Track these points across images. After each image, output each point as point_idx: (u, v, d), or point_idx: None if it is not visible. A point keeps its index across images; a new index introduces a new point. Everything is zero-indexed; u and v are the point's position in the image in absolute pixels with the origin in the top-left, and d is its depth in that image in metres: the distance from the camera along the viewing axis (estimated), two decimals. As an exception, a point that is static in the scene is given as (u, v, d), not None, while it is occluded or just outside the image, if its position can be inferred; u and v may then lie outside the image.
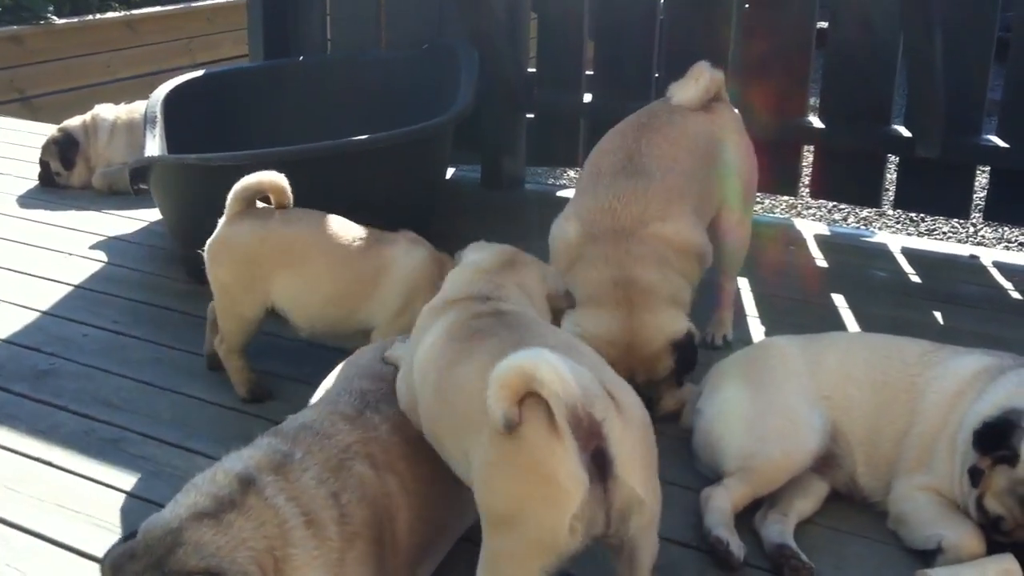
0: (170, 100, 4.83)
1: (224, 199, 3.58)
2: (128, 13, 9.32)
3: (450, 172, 5.80)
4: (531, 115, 5.61)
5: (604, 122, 5.31)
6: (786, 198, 5.87)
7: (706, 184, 3.50)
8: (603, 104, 5.29)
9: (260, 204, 3.44)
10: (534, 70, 5.53)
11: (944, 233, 5.72)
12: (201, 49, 9.80)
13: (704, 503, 2.76)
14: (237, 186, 3.36)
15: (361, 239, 3.43)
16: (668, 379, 3.25)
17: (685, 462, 3.01)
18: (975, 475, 2.52)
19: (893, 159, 4.99)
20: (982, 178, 5.06)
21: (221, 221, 3.40)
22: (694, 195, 3.40)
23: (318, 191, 3.80)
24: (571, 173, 6.69)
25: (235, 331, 3.42)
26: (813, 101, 5.08)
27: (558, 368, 1.95)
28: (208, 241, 3.40)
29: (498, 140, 5.55)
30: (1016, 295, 4.33)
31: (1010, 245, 5.59)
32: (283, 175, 3.37)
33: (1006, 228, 5.82)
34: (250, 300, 3.37)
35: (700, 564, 2.64)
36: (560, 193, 5.71)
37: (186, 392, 3.49)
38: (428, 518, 2.45)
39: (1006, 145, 4.55)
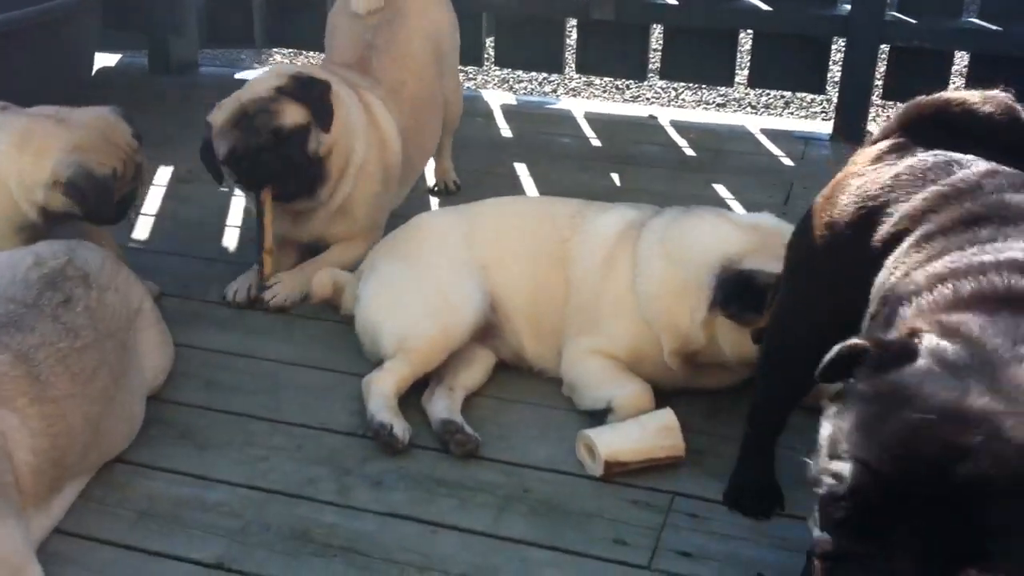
0: None
1: None
2: None
3: (115, 59, 5.31)
4: (200, -9, 5.19)
5: (278, -3, 5.04)
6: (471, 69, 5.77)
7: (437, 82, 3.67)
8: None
9: None
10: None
11: (648, 100, 5.80)
12: None
13: (366, 389, 2.65)
14: None
15: None
16: None
17: (352, 350, 2.89)
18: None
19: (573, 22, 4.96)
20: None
21: None
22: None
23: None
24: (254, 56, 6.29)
25: None
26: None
27: None
28: None
29: (163, 19, 5.07)
30: (689, 151, 4.42)
31: (708, 106, 5.73)
32: None
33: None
34: None
35: (365, 451, 2.54)
36: (238, 75, 5.34)
37: None
38: (57, 457, 2.21)
39: (675, 3, 4.58)
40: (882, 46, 4.47)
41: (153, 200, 3.89)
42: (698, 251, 2.61)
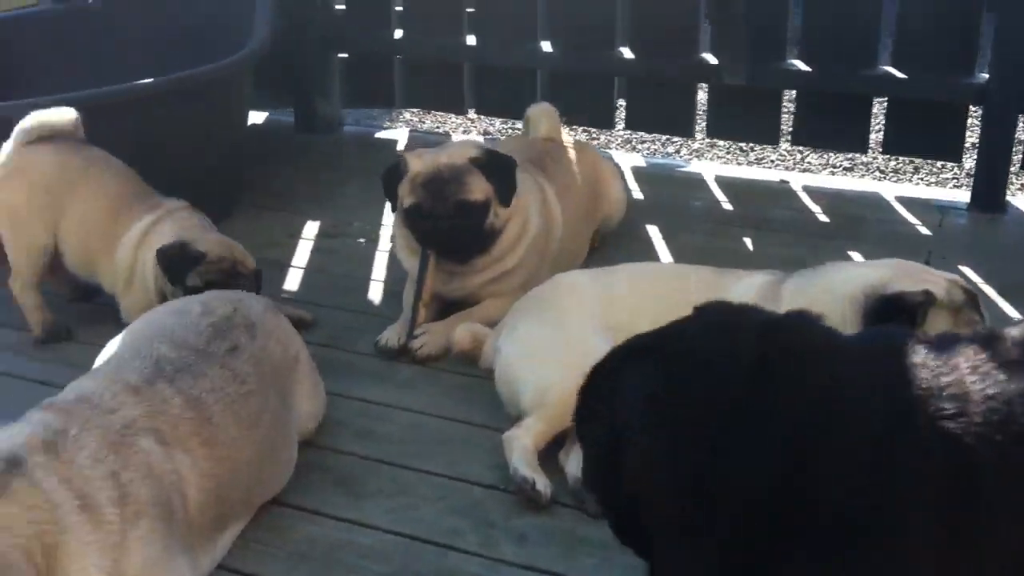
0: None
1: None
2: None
3: (262, 117, 5.58)
4: (344, 55, 5.43)
5: (417, 58, 5.25)
6: (596, 130, 5.89)
7: None
8: (414, 40, 5.17)
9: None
10: (343, 7, 5.34)
11: (772, 161, 5.83)
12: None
13: (507, 445, 2.73)
14: (27, 121, 3.33)
15: (131, 195, 3.40)
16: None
17: (491, 404, 2.98)
18: None
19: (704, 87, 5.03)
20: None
21: (7, 149, 3.35)
22: None
23: (108, 142, 3.59)
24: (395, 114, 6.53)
25: (26, 263, 3.36)
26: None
27: None
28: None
29: (310, 82, 5.35)
30: (823, 217, 4.43)
31: (835, 170, 5.74)
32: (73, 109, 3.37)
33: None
34: (41, 227, 3.33)
35: (508, 506, 2.62)
36: (380, 135, 5.57)
37: None
38: (223, 496, 2.35)
39: (808, 68, 4.62)
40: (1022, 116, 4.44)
41: (302, 254, 4.09)
42: (839, 288, 2.65)
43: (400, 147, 5.24)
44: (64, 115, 3.38)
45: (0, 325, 3.51)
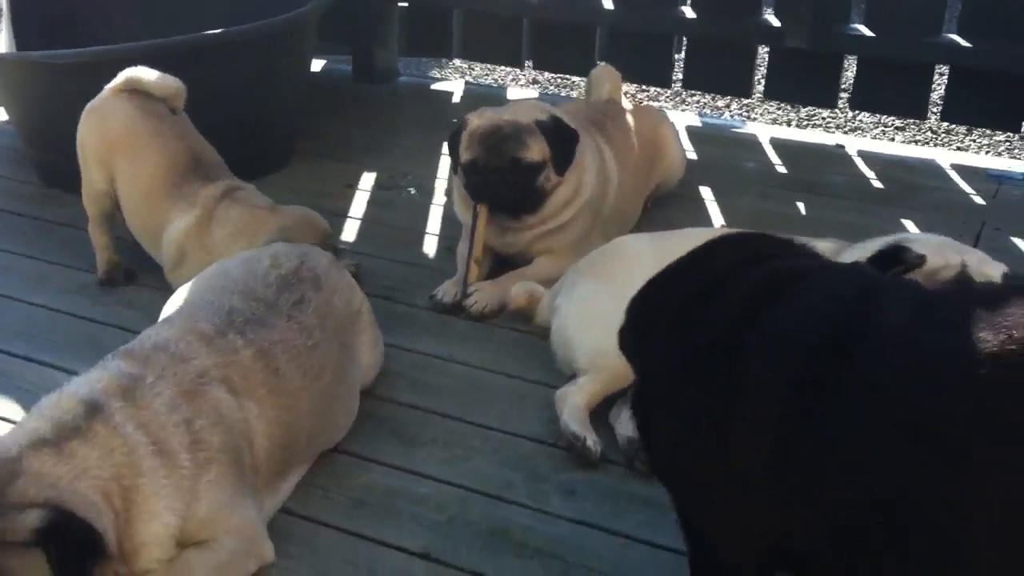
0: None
1: (71, 96, 3.47)
2: None
3: (320, 64, 5.63)
4: (404, 3, 5.45)
5: (478, 11, 5.26)
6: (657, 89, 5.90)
7: None
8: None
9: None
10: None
11: (823, 119, 5.80)
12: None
13: (560, 401, 2.81)
14: (128, 72, 3.40)
15: (188, 170, 3.34)
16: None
17: (544, 361, 3.05)
18: None
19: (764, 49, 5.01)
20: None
21: (104, 90, 3.41)
22: None
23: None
24: (446, 64, 6.56)
25: (89, 201, 3.45)
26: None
27: None
28: (89, 103, 3.40)
29: (368, 31, 5.39)
30: (878, 183, 4.43)
31: (886, 129, 5.71)
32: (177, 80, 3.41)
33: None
34: (98, 172, 3.39)
35: (557, 460, 2.70)
36: (435, 86, 5.61)
37: (35, 301, 3.39)
38: (287, 443, 2.45)
39: (872, 34, 4.59)
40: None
41: (359, 205, 4.16)
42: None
43: (456, 99, 5.29)
44: (164, 82, 3.42)
45: (70, 266, 3.63)
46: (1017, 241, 3.90)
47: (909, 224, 4.00)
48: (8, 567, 1.96)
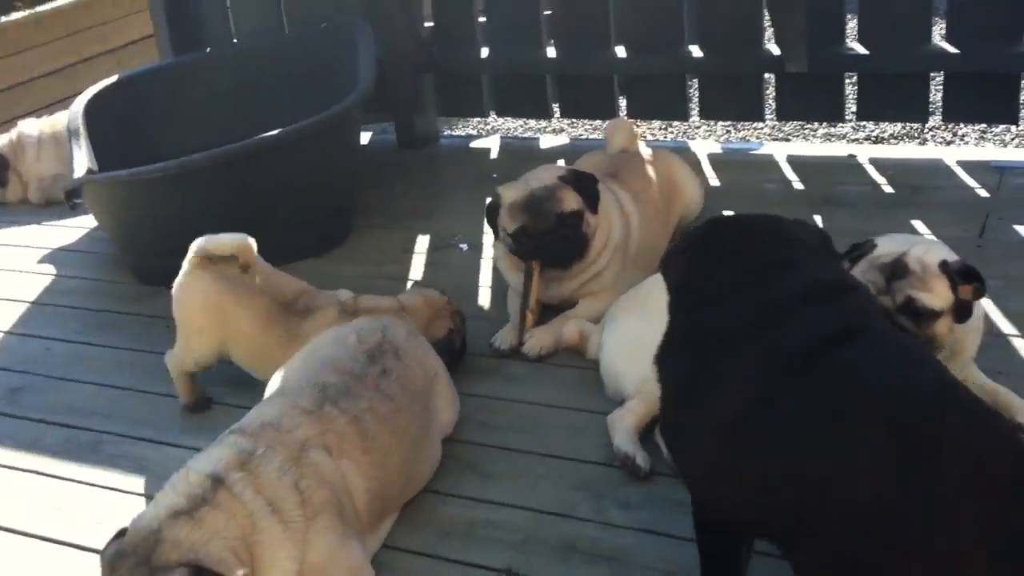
0: (90, 110, 5.07)
1: (157, 205, 3.89)
2: (35, 11, 9.38)
3: (367, 136, 6.10)
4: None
5: (502, 74, 5.71)
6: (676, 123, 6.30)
7: None
8: (498, 57, 5.64)
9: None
10: (431, 24, 5.82)
11: (839, 130, 6.11)
12: (114, 33, 9.89)
13: (611, 426, 3.20)
14: (202, 243, 3.49)
15: (282, 317, 3.53)
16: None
17: (597, 392, 3.45)
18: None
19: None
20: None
21: (185, 266, 3.53)
22: None
23: (246, 188, 4.13)
24: (479, 123, 6.99)
25: (186, 365, 3.61)
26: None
27: None
28: (176, 282, 3.55)
29: (408, 101, 5.83)
30: (888, 189, 4.76)
31: (900, 128, 6.00)
32: (251, 239, 3.50)
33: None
34: (199, 341, 3.55)
35: (614, 478, 3.08)
36: (473, 144, 6.05)
37: (153, 390, 3.80)
38: (382, 493, 2.86)
39: (866, 51, 4.95)
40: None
41: (416, 267, 4.60)
42: None
43: (493, 155, 5.72)
44: (227, 243, 3.49)
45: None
46: (1019, 228, 4.21)
47: (919, 225, 4.32)
48: (158, 621, 2.39)
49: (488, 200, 3.93)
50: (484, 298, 4.27)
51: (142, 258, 4.57)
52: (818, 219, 4.51)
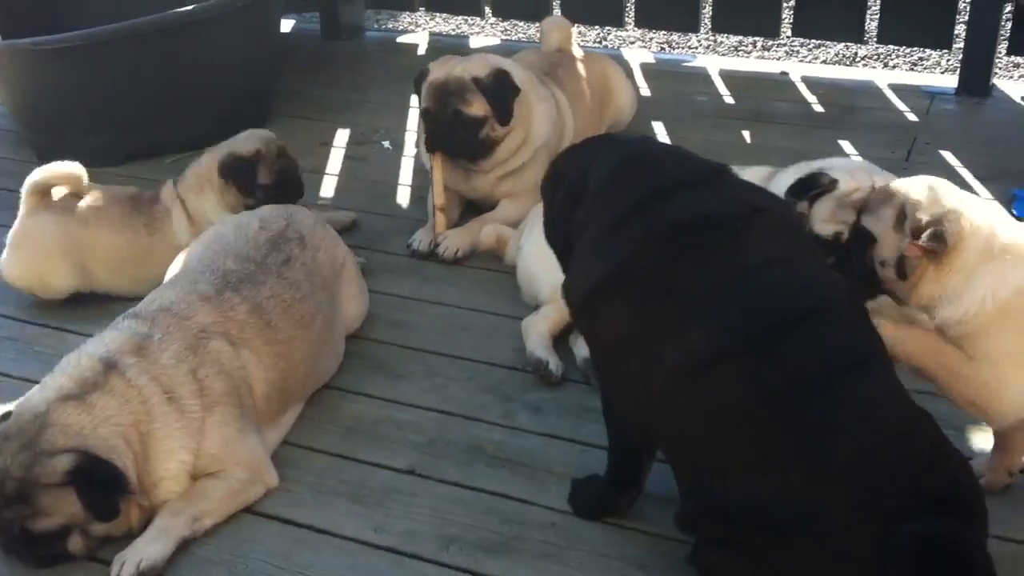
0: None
1: (61, 79, 3.67)
2: None
3: (289, 24, 5.86)
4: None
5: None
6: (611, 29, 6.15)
7: None
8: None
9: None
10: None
11: (786, 54, 6.04)
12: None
13: (525, 331, 3.13)
14: (30, 179, 3.39)
15: (133, 211, 3.47)
16: None
17: (513, 296, 3.38)
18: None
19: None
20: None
21: (21, 212, 3.42)
22: None
23: (155, 66, 3.91)
24: (409, 17, 6.77)
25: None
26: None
27: None
28: (11, 231, 3.43)
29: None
30: (819, 108, 4.73)
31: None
32: (78, 164, 3.39)
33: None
34: (59, 280, 3.44)
35: (525, 383, 3.03)
36: (401, 39, 5.85)
37: None
38: (283, 385, 2.76)
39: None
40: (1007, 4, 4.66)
41: (334, 161, 4.45)
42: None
43: (421, 51, 5.54)
44: (70, 171, 3.41)
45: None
46: (945, 154, 4.21)
47: (847, 145, 4.31)
48: (44, 505, 2.30)
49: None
50: (403, 197, 4.16)
51: (42, 136, 4.33)
52: (746, 135, 4.48)
